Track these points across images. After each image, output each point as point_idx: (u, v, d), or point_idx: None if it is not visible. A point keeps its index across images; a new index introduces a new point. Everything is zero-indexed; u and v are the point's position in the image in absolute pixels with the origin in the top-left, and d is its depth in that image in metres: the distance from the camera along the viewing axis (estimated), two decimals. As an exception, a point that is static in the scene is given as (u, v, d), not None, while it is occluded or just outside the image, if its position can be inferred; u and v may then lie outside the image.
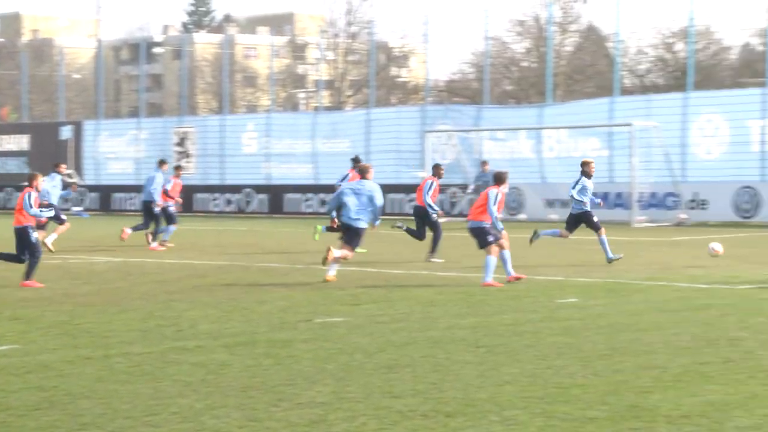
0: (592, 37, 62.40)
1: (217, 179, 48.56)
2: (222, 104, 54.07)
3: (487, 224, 18.23)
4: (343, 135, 45.78)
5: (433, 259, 22.68)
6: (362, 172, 19.49)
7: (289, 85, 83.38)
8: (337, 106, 64.99)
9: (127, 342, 12.59)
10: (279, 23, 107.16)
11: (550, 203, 38.59)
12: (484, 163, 35.77)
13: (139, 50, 62.68)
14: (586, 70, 59.98)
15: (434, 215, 23.16)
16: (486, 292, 17.04)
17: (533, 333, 12.93)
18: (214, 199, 47.51)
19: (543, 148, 40.36)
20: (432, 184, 23.36)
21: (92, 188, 50.71)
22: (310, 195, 45.23)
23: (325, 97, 64.42)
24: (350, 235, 19.10)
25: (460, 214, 40.43)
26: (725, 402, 9.16)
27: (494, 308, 15.25)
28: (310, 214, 44.72)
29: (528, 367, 10.77)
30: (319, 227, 25.08)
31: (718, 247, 21.67)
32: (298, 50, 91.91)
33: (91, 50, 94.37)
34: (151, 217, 27.44)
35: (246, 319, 14.39)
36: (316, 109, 61.10)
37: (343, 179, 25.54)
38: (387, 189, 42.89)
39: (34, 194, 18.85)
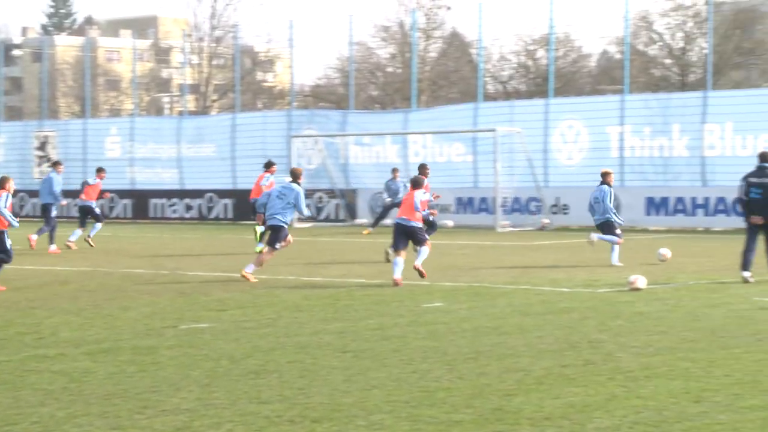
0: (456, 44, 63.01)
1: (80, 184, 47.75)
2: (84, 108, 53.22)
3: (421, 224, 19.59)
4: (208, 140, 45.41)
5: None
6: (293, 176, 20.41)
7: (153, 89, 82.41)
8: (202, 111, 64.46)
9: (-14, 351, 12.32)
10: (142, 26, 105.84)
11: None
12: (394, 170, 35.71)
13: (-2, 52, 61.28)
14: (451, 76, 60.53)
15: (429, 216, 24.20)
16: (351, 297, 17.08)
17: (400, 337, 13.01)
18: (77, 205, 46.65)
19: (409, 153, 40.61)
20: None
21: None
22: (175, 200, 44.78)
23: (189, 102, 63.84)
24: (275, 236, 20.15)
25: (327, 219, 40.49)
26: (586, 403, 9.33)
27: (361, 313, 15.31)
28: (175, 219, 44.28)
29: (394, 372, 10.84)
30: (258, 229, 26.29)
31: (668, 253, 22.53)
32: (162, 54, 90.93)
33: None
34: (50, 219, 27.77)
35: (109, 326, 14.19)
36: (180, 113, 60.57)
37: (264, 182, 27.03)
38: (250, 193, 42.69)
39: (9, 198, 18.95)
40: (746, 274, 18.65)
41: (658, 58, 58.74)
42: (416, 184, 19.88)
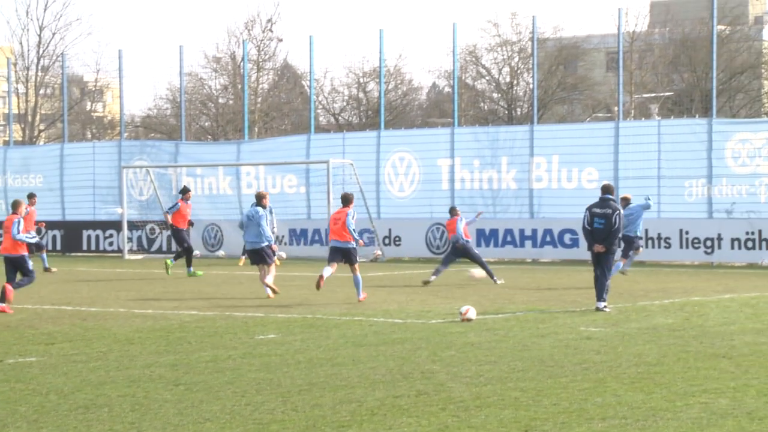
0: (288, 75, 63.14)
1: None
2: None
3: (353, 245, 21.64)
4: (35, 170, 44.44)
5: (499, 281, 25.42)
6: (258, 199, 22.83)
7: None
8: (29, 141, 63.08)
9: None
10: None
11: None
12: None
13: None
14: (283, 108, 60.59)
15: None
16: (184, 329, 16.90)
17: (233, 370, 12.92)
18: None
19: (242, 185, 40.45)
20: (462, 219, 25.95)
21: None
22: (0, 231, 43.62)
23: (16, 131, 62.36)
24: (260, 257, 22.16)
25: (159, 251, 40.00)
26: (420, 433, 9.41)
27: (194, 345, 15.16)
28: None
29: (228, 404, 10.76)
30: (169, 262, 28.35)
31: (478, 272, 24.57)
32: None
33: None
34: None
35: (-68, 362, 13.74)
36: (6, 143, 59.12)
37: (171, 208, 29.41)
38: (83, 225, 42.00)
39: (21, 222, 20.32)
40: (601, 304, 19.36)
41: (486, 92, 59.92)
42: (348, 200, 22.01)
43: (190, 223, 29.93)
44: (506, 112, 57.62)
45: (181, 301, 21.75)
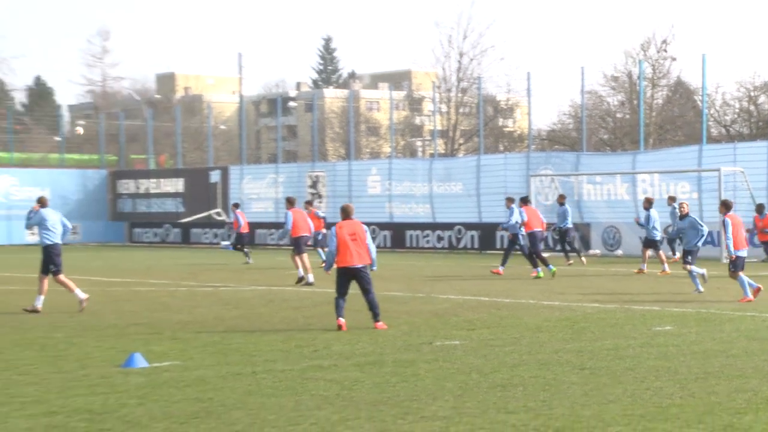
0: (681, 91, 61.47)
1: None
2: (348, 151, 54.48)
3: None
4: (456, 179, 45.73)
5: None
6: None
7: (407, 135, 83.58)
8: (450, 153, 64.97)
9: (271, 360, 12.73)
10: (398, 79, 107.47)
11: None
12: (671, 198, 34.64)
13: (276, 104, 63.43)
14: (676, 121, 59.07)
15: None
16: (587, 320, 16.83)
17: (633, 357, 12.74)
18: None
19: (637, 191, 39.81)
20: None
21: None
22: (428, 232, 45.22)
23: (439, 145, 64.43)
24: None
25: (545, 250, 40.07)
26: (813, 423, 8.91)
27: (596, 335, 15.08)
28: (428, 248, 44.63)
29: (629, 388, 10.63)
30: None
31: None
32: (415, 103, 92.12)
33: (235, 104, 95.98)
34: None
35: (374, 342, 14.45)
36: (431, 155, 61.20)
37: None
38: (497, 227, 42.82)
39: None
40: None
41: None
42: (727, 206, 21.29)
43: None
44: None
45: (584, 294, 21.68)
